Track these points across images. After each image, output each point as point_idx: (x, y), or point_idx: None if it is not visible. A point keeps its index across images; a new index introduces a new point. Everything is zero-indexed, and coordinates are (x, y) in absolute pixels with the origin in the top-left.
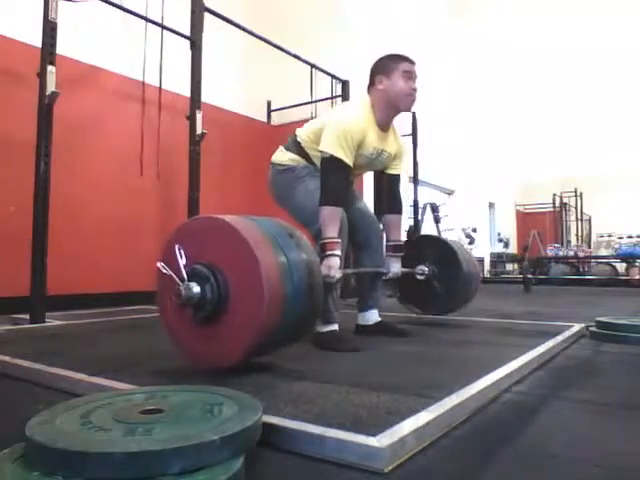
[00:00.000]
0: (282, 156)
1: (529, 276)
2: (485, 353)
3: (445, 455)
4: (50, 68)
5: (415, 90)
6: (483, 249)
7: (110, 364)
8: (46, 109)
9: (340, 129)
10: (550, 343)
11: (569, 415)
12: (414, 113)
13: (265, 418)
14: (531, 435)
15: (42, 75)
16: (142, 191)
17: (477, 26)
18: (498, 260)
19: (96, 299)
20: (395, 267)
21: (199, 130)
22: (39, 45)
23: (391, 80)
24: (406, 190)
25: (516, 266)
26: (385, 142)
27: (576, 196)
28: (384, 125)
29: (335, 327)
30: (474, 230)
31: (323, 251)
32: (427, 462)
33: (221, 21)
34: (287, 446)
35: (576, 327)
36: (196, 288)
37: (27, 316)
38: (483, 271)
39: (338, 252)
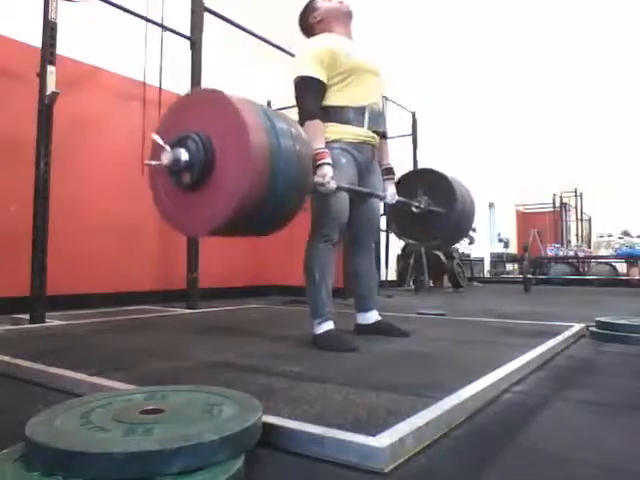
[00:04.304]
0: None
1: (529, 276)
2: (485, 353)
3: (445, 455)
4: (50, 68)
5: None
6: (483, 249)
7: (110, 364)
8: (46, 109)
9: (306, 52)
10: (550, 343)
11: (569, 415)
12: (414, 113)
13: (265, 418)
14: (531, 435)
15: (42, 75)
16: (142, 191)
17: (478, 29)
18: (498, 260)
19: (96, 299)
20: (391, 190)
21: None
22: (39, 45)
23: (319, 8)
24: None
25: (516, 266)
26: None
27: (576, 196)
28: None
29: (331, 326)
30: (474, 230)
31: (315, 161)
32: (427, 462)
33: (221, 21)
34: (287, 446)
35: (576, 327)
36: (184, 154)
37: (27, 316)
38: (483, 271)
39: (329, 161)
